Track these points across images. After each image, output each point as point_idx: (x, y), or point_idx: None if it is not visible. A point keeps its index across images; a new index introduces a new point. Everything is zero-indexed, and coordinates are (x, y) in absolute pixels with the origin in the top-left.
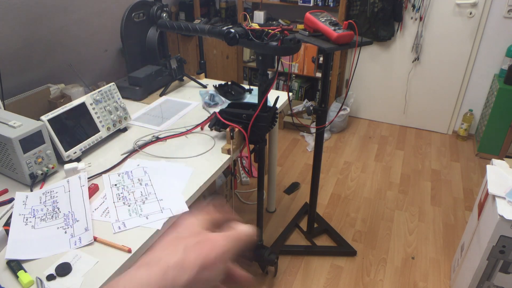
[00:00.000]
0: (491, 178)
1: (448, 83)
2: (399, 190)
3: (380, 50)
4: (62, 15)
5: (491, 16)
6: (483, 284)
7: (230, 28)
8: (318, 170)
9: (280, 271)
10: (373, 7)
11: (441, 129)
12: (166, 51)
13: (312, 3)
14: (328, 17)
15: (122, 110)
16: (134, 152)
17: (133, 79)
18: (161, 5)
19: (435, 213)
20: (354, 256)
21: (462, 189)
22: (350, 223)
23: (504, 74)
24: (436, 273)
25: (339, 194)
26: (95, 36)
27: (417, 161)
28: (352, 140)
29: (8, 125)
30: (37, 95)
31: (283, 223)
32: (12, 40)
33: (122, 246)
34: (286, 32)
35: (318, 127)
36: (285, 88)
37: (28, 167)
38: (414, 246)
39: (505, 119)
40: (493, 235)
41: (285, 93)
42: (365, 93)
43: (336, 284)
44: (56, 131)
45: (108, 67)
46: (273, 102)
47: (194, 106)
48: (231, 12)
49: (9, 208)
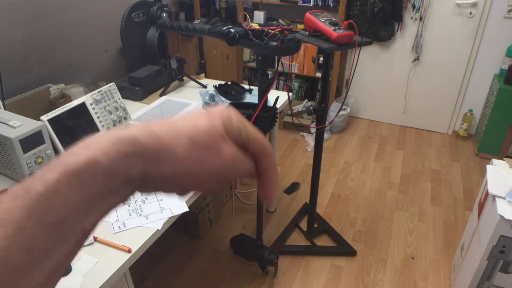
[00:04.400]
0: (491, 178)
1: (448, 83)
2: (399, 190)
3: (380, 50)
4: (62, 15)
5: (491, 16)
6: (483, 284)
7: (230, 28)
8: (318, 170)
9: (280, 271)
10: (373, 7)
11: (441, 129)
12: (166, 51)
13: (312, 3)
14: (328, 17)
15: (122, 110)
16: None
17: (133, 79)
18: (161, 5)
19: (435, 213)
20: (354, 256)
21: (462, 189)
22: (350, 223)
23: (504, 74)
24: (436, 273)
25: (339, 194)
26: (95, 36)
27: (417, 161)
28: (352, 140)
29: (8, 125)
30: (37, 95)
31: (283, 223)
32: (12, 40)
33: (122, 246)
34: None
35: (318, 127)
36: (285, 88)
37: (28, 167)
38: (414, 246)
39: (505, 119)
40: (493, 235)
41: (285, 93)
42: (365, 93)
43: (336, 284)
44: (56, 131)
45: (108, 67)
46: (273, 102)
47: (194, 106)
48: (231, 12)
49: None
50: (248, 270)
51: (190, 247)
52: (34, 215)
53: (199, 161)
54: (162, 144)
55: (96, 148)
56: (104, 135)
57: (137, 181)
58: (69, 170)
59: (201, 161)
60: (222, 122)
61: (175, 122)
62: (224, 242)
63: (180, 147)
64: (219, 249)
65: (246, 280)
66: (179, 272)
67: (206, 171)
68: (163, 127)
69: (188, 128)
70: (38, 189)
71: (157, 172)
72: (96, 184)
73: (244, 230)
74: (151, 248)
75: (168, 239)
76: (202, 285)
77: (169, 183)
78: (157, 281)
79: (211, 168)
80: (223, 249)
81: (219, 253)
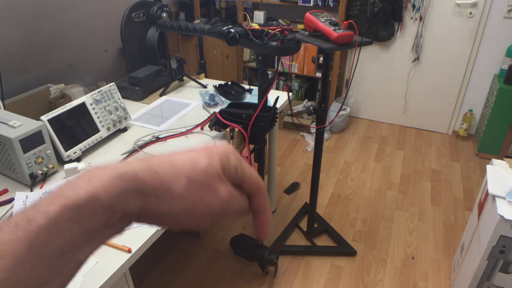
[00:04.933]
0: (491, 178)
1: (448, 83)
2: (399, 190)
3: (380, 50)
4: (62, 15)
5: (491, 16)
6: (483, 284)
7: (230, 28)
8: (318, 170)
9: (280, 271)
10: (373, 7)
11: (441, 129)
12: (166, 51)
13: (312, 3)
14: (328, 17)
15: (122, 110)
16: (134, 152)
17: (133, 79)
18: (161, 5)
19: (435, 213)
20: (354, 256)
21: (462, 189)
22: (350, 223)
23: (504, 74)
24: (436, 273)
25: (339, 194)
26: (95, 36)
27: (417, 161)
28: (352, 140)
29: (8, 125)
30: (37, 95)
31: (283, 223)
32: (12, 40)
33: (122, 246)
34: (286, 32)
35: (318, 127)
36: (285, 88)
37: (28, 167)
38: (414, 246)
39: (505, 119)
40: (493, 235)
41: (285, 93)
42: (365, 93)
43: (336, 284)
44: (56, 131)
45: (108, 67)
46: (273, 102)
47: (194, 106)
48: (231, 12)
49: (9, 208)
50: (248, 270)
51: (190, 247)
52: (34, 248)
53: (195, 200)
54: (161, 183)
55: (98, 182)
56: (105, 169)
57: (133, 215)
58: (70, 204)
59: (197, 200)
60: (220, 161)
61: (175, 159)
62: (224, 242)
63: (178, 186)
64: (219, 249)
65: (246, 280)
66: (179, 272)
67: (201, 209)
68: (163, 165)
69: (187, 167)
70: (39, 222)
71: (154, 209)
72: (95, 218)
73: (244, 230)
74: (151, 248)
75: (168, 239)
76: (202, 285)
77: (164, 219)
78: (157, 281)
79: (206, 207)
80: (223, 249)
81: (219, 253)
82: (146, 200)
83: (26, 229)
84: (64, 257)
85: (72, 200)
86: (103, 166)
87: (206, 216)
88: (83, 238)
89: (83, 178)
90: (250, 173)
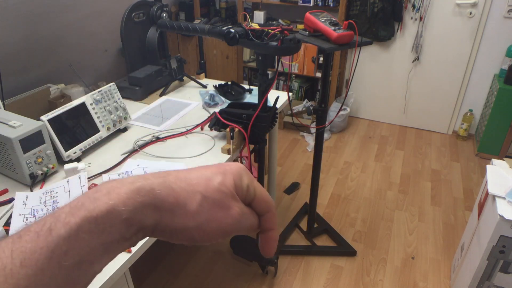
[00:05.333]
0: (491, 178)
1: (448, 83)
2: (399, 190)
3: (380, 50)
4: (62, 15)
5: (491, 16)
6: (483, 284)
7: (230, 28)
8: (318, 170)
9: (280, 271)
10: (373, 7)
11: (441, 129)
12: (166, 51)
13: (312, 3)
14: (328, 17)
15: (122, 110)
16: (134, 152)
17: (133, 79)
18: (161, 5)
19: (435, 213)
20: (354, 256)
21: (462, 189)
22: (350, 223)
23: (504, 74)
24: (436, 273)
25: (339, 194)
26: (95, 36)
27: (417, 161)
28: (352, 140)
29: (8, 125)
30: (37, 95)
31: (283, 223)
32: (12, 40)
33: None
34: (286, 32)
35: (318, 127)
36: (285, 88)
37: (28, 167)
38: (414, 246)
39: (505, 119)
40: (493, 235)
41: (285, 93)
42: (365, 93)
43: (336, 284)
44: (56, 131)
45: (108, 67)
46: (273, 102)
47: (194, 106)
48: (231, 12)
49: (9, 208)
50: (248, 270)
51: (190, 247)
52: (54, 258)
53: (208, 217)
54: (176, 199)
55: (116, 196)
56: (123, 182)
57: (148, 229)
58: (90, 216)
59: (211, 217)
60: (233, 180)
61: (190, 176)
62: (224, 242)
63: (192, 203)
64: (219, 249)
65: (246, 280)
66: (179, 272)
67: (214, 226)
68: (178, 181)
69: (202, 184)
70: (60, 232)
71: (168, 224)
72: (113, 231)
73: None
74: (151, 248)
75: None
76: (202, 285)
77: (178, 234)
78: (157, 281)
79: (219, 224)
80: (223, 249)
81: (219, 253)
82: (161, 215)
83: (47, 238)
84: (82, 267)
85: (92, 212)
86: (121, 179)
87: (218, 233)
88: (101, 250)
89: (102, 191)
90: (261, 192)
